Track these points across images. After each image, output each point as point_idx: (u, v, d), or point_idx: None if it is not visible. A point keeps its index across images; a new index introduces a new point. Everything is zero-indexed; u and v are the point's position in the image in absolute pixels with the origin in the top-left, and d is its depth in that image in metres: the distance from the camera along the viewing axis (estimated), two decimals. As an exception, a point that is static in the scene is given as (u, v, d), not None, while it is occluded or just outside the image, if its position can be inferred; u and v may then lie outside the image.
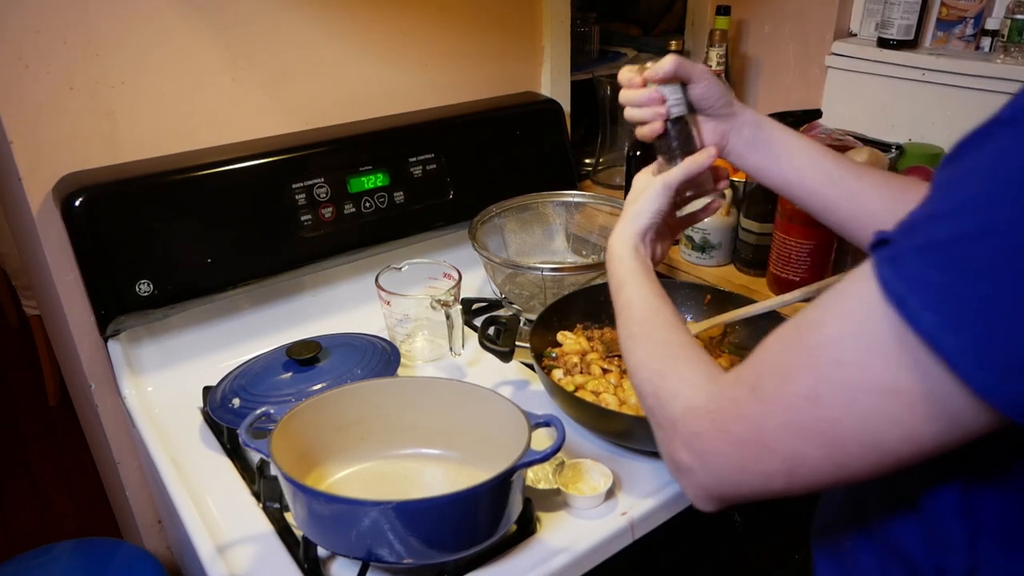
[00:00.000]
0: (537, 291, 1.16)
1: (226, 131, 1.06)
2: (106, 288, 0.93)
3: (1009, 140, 0.36)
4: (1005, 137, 0.36)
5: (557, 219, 1.28)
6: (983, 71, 1.22)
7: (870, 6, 1.41)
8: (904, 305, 0.37)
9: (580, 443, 0.88)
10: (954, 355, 0.36)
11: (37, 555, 1.11)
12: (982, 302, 0.35)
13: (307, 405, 0.76)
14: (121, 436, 1.09)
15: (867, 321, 0.39)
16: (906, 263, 0.38)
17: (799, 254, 1.06)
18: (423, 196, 1.15)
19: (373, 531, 0.63)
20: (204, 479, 0.86)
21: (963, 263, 0.35)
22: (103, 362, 1.03)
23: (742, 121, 0.75)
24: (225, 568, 0.73)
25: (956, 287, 0.35)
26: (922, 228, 0.38)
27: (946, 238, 0.36)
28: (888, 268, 0.38)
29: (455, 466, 0.80)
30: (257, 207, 1.01)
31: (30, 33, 0.88)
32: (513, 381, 1.01)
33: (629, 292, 0.67)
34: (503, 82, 1.32)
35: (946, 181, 0.39)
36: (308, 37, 1.08)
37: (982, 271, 0.35)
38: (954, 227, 0.36)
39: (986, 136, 0.38)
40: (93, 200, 0.90)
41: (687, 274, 1.23)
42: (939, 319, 0.36)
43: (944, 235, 0.36)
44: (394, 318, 1.02)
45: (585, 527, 0.76)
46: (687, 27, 1.65)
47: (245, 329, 1.08)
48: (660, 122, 0.72)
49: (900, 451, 0.40)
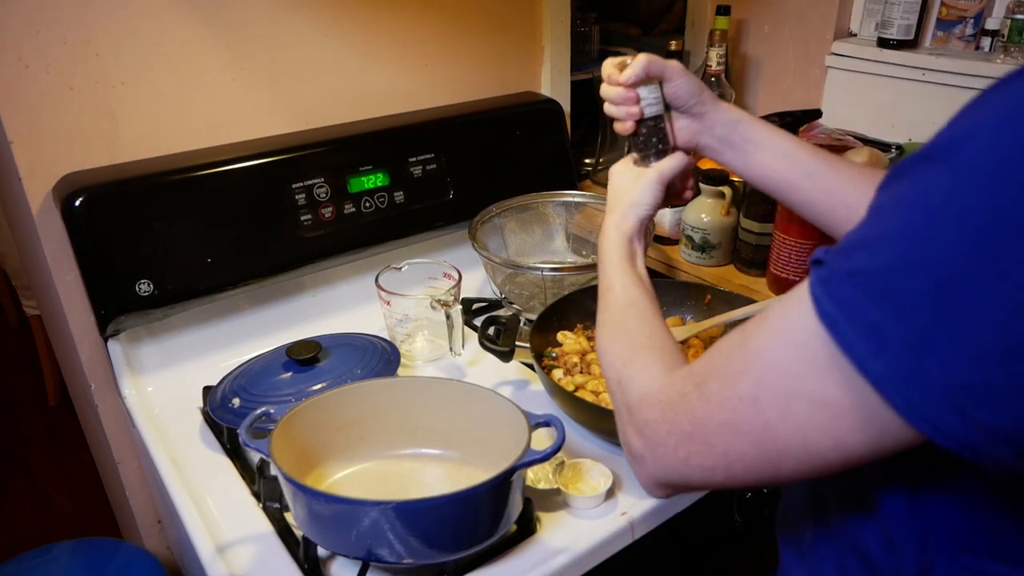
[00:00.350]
0: (537, 291, 1.16)
1: (226, 131, 1.06)
2: (106, 288, 0.93)
3: (934, 175, 0.37)
4: (931, 171, 0.37)
5: (557, 219, 1.28)
6: (983, 71, 1.22)
7: (870, 6, 1.41)
8: (834, 327, 0.39)
9: (580, 443, 0.88)
10: (880, 379, 0.37)
11: (37, 555, 1.11)
12: (905, 331, 0.36)
13: (307, 405, 0.76)
14: (121, 436, 1.09)
15: (802, 334, 0.41)
16: (837, 286, 0.39)
17: (799, 254, 1.06)
18: (423, 196, 1.15)
19: (373, 531, 0.63)
20: (204, 479, 0.86)
21: (887, 293, 0.37)
22: (103, 362, 1.03)
23: (714, 119, 0.75)
24: (225, 568, 0.73)
25: (881, 315, 0.37)
26: (852, 253, 0.40)
27: (872, 267, 0.38)
28: (821, 289, 0.40)
29: (455, 466, 0.80)
30: (257, 207, 1.01)
31: (30, 33, 0.88)
32: (513, 381, 1.01)
33: (612, 279, 0.69)
34: (503, 82, 1.32)
35: (877, 206, 0.40)
36: (308, 37, 1.08)
37: (908, 299, 0.36)
38: (879, 257, 0.38)
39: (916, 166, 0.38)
40: (93, 200, 0.90)
41: (687, 274, 1.23)
42: (866, 344, 0.38)
43: (870, 264, 0.38)
44: (394, 318, 1.02)
45: (585, 527, 0.76)
46: (687, 27, 1.65)
47: (245, 329, 1.08)
48: (631, 122, 0.73)
49: (830, 457, 0.42)
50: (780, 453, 0.44)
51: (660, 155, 0.75)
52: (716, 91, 1.12)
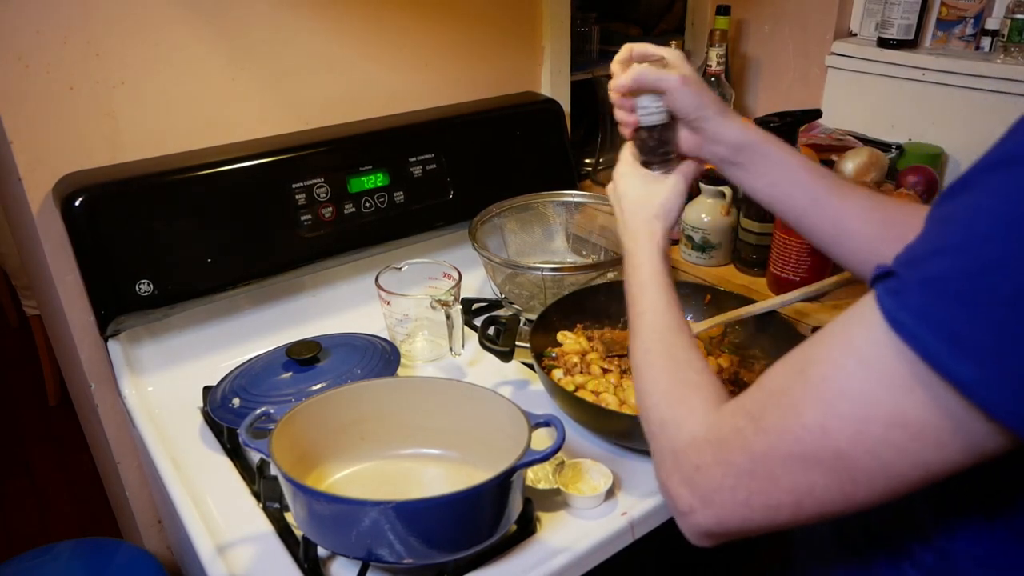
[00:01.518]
0: (537, 291, 1.16)
1: (226, 131, 1.06)
2: (106, 288, 0.93)
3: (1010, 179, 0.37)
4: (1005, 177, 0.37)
5: (557, 219, 1.28)
6: (983, 71, 1.22)
7: (870, 6, 1.41)
8: (913, 337, 0.38)
9: (580, 443, 0.88)
10: (971, 384, 0.36)
11: (37, 555, 1.11)
12: (994, 331, 0.35)
13: (307, 405, 0.76)
14: (121, 436, 1.09)
15: (872, 352, 0.40)
16: (912, 295, 0.38)
17: (799, 254, 1.06)
18: (423, 196, 1.15)
19: (373, 531, 0.63)
20: (204, 479, 0.85)
21: (973, 295, 0.36)
22: (103, 362, 1.03)
23: (717, 137, 0.71)
24: (225, 568, 0.73)
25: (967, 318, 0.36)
26: (926, 262, 0.39)
27: (953, 272, 0.37)
28: (894, 300, 0.39)
29: (455, 466, 0.80)
30: (257, 207, 1.01)
31: (30, 33, 0.88)
32: (513, 381, 1.01)
33: (649, 300, 0.64)
34: (503, 82, 1.32)
35: (948, 215, 0.40)
36: (308, 37, 1.08)
37: (992, 302, 0.35)
38: (961, 261, 0.37)
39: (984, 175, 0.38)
40: (93, 200, 0.90)
41: (687, 274, 1.23)
42: (951, 350, 0.36)
43: (951, 269, 0.37)
44: (394, 318, 1.02)
45: (585, 527, 0.76)
46: (687, 27, 1.65)
47: (245, 329, 1.08)
48: (629, 129, 0.72)
49: (910, 477, 0.41)
50: (854, 481, 0.42)
51: (664, 163, 0.73)
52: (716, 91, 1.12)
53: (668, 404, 0.55)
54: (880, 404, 0.40)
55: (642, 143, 0.73)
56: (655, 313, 0.63)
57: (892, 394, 0.39)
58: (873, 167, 1.17)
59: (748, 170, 0.72)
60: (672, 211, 0.71)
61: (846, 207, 0.69)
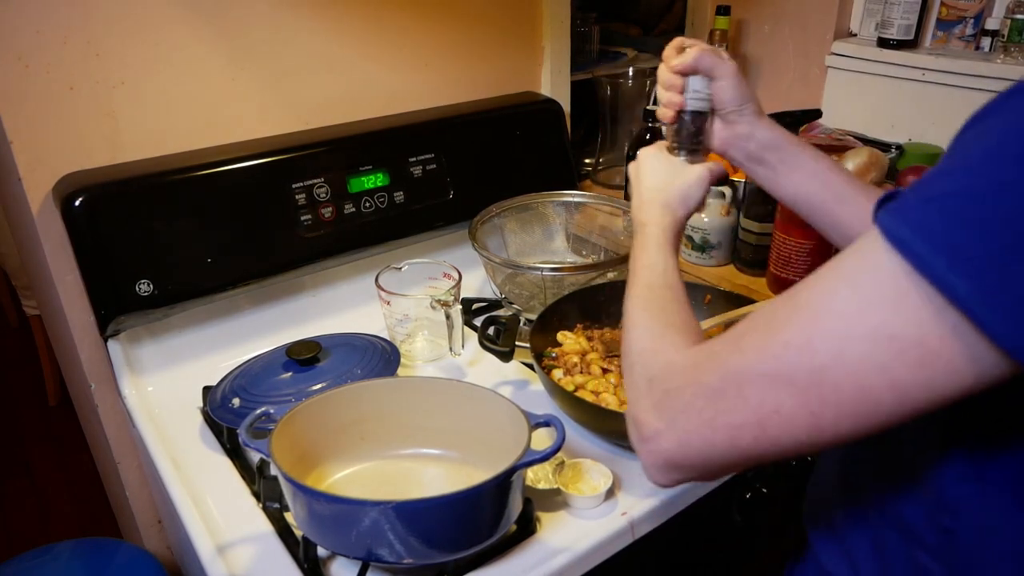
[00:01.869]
0: (537, 291, 1.16)
1: (226, 131, 1.06)
2: (106, 288, 0.93)
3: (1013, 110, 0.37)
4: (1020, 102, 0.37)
5: (557, 219, 1.28)
6: (983, 71, 1.22)
7: (870, 6, 1.41)
8: (910, 249, 0.37)
9: (580, 443, 0.88)
10: (965, 297, 0.36)
11: (37, 555, 1.11)
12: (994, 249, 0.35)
13: (307, 405, 0.76)
14: (121, 436, 1.09)
15: (865, 270, 0.39)
16: (913, 211, 0.38)
17: (799, 254, 1.06)
18: (423, 196, 1.15)
19: (373, 531, 0.63)
20: (204, 479, 0.85)
21: (977, 211, 0.35)
22: (103, 362, 1.03)
23: (750, 135, 0.73)
24: (225, 568, 0.73)
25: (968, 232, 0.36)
26: (930, 183, 0.38)
27: (958, 189, 0.37)
28: (893, 218, 0.38)
29: (455, 466, 0.80)
30: (257, 207, 1.01)
31: (30, 33, 0.88)
32: (513, 381, 1.01)
33: (655, 258, 0.65)
34: (503, 82, 1.32)
35: (956, 144, 0.40)
36: (308, 37, 1.08)
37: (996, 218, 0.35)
38: (967, 180, 0.37)
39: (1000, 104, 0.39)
40: (93, 200, 0.90)
41: (687, 274, 1.23)
42: (950, 261, 0.36)
43: (956, 186, 0.37)
44: (394, 318, 1.02)
45: (585, 527, 0.76)
46: (687, 27, 1.65)
47: (245, 329, 1.08)
48: (672, 112, 0.72)
49: (884, 399, 0.40)
50: (823, 401, 0.41)
51: (692, 153, 0.74)
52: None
53: (650, 336, 0.56)
54: (867, 319, 0.39)
55: (681, 127, 0.73)
56: (652, 271, 0.64)
57: (882, 309, 0.38)
58: (873, 167, 1.17)
59: (776, 169, 0.74)
60: (692, 198, 0.72)
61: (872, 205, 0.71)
